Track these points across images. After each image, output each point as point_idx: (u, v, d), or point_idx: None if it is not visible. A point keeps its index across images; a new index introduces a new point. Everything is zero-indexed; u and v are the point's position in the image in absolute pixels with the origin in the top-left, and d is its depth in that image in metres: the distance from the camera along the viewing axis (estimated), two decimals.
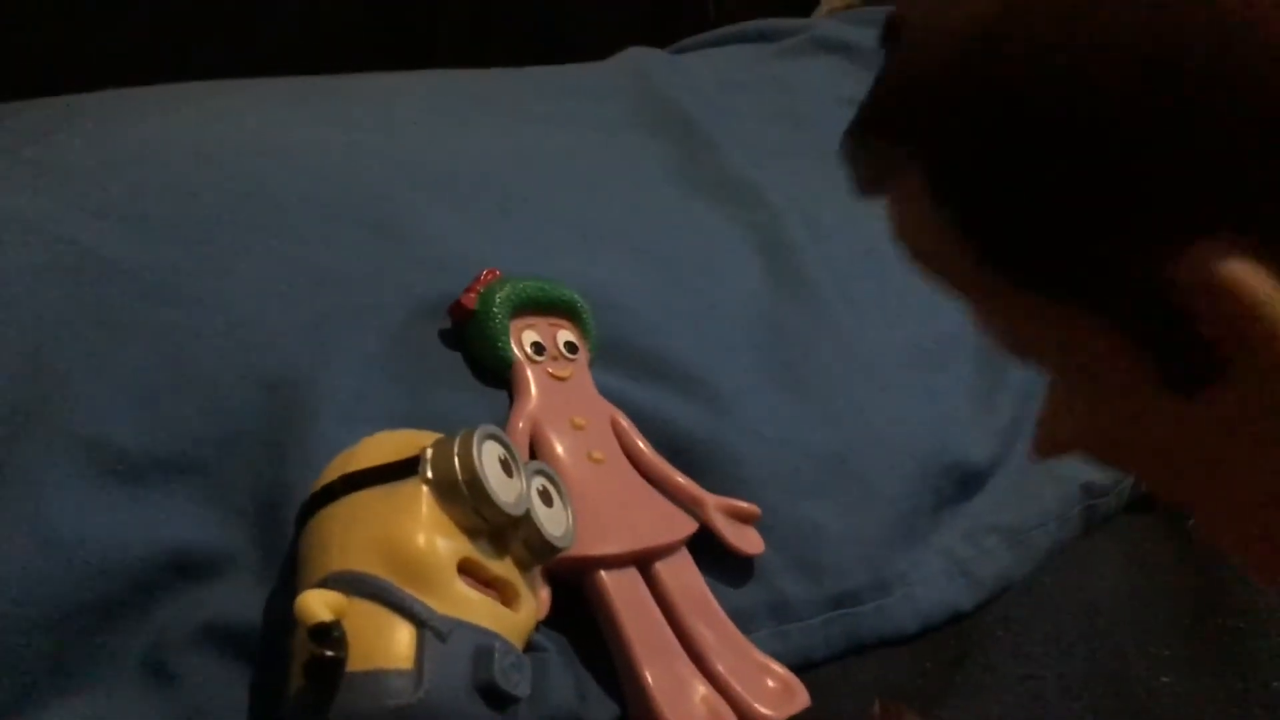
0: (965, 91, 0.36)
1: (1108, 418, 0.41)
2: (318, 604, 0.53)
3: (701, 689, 0.67)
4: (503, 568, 0.60)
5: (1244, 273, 0.34)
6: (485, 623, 0.57)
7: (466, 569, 0.58)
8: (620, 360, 0.81)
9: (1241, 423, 0.37)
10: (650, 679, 0.66)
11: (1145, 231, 0.35)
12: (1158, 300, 0.35)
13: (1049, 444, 0.45)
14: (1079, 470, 0.91)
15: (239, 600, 0.63)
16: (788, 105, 1.18)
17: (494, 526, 0.59)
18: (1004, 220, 0.37)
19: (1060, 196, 0.35)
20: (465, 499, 0.58)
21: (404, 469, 0.59)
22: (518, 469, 0.62)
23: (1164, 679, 0.75)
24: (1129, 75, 0.33)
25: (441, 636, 0.55)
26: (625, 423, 0.77)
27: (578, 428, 0.74)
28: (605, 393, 0.78)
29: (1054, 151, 0.35)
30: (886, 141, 0.40)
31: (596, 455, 0.74)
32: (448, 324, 0.77)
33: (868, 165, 0.42)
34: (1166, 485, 0.42)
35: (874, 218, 1.08)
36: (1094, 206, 0.35)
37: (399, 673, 0.53)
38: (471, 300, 0.76)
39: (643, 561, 0.71)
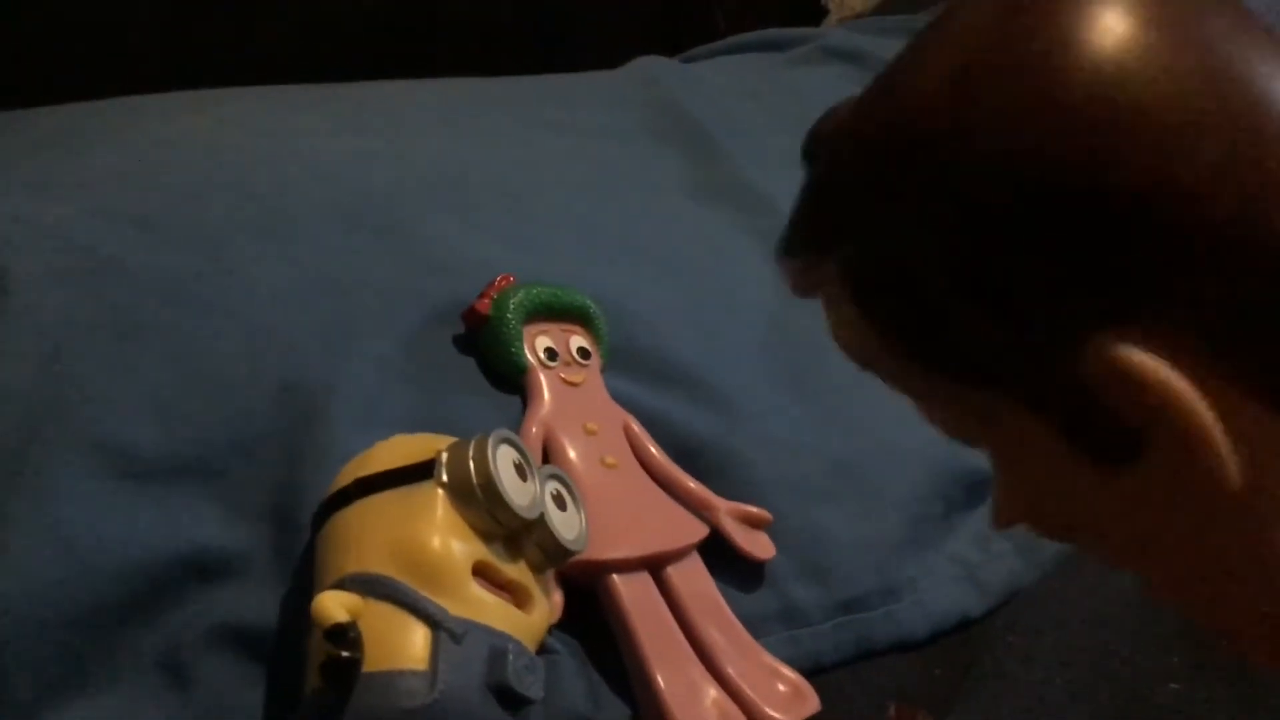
0: (878, 193, 0.39)
1: (1044, 493, 0.42)
2: (334, 605, 0.54)
3: (712, 692, 0.68)
4: (516, 571, 0.60)
5: (1144, 359, 0.35)
6: (499, 625, 0.57)
7: (481, 571, 0.58)
8: (632, 366, 0.82)
9: (1165, 494, 0.38)
10: (662, 682, 0.66)
11: (1057, 318, 0.36)
12: (1069, 382, 0.37)
13: (1000, 516, 0.47)
14: None
15: (254, 602, 0.64)
16: (798, 113, 1.18)
17: (508, 530, 0.60)
18: (919, 317, 0.39)
19: (969, 294, 0.37)
20: (480, 502, 0.58)
21: (419, 472, 0.60)
22: (532, 473, 0.62)
23: (1172, 686, 0.75)
24: (1029, 180, 0.35)
25: (456, 638, 0.55)
26: (637, 428, 0.77)
27: (590, 433, 0.75)
28: (617, 398, 0.79)
29: (961, 249, 0.37)
30: (812, 249, 0.42)
31: (609, 460, 0.74)
32: (461, 329, 0.78)
33: (797, 273, 0.44)
34: (1110, 557, 0.43)
35: None
36: (1005, 295, 0.37)
37: (414, 674, 0.54)
38: (485, 306, 0.76)
39: (654, 566, 0.71)
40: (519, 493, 0.60)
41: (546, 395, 0.75)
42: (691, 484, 0.77)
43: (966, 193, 0.36)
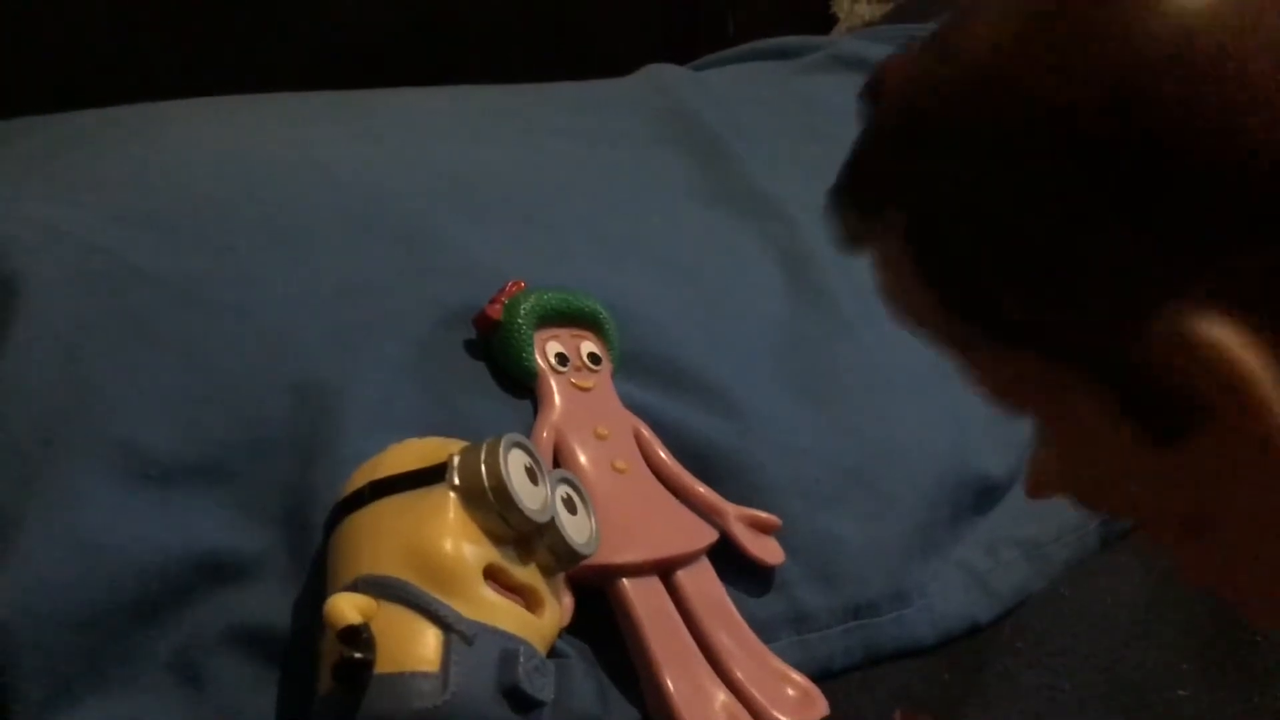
0: (952, 143, 0.37)
1: (1089, 465, 0.42)
2: (347, 607, 0.54)
3: (721, 696, 0.68)
4: (527, 574, 0.61)
5: (1214, 330, 0.34)
6: (510, 627, 0.58)
7: (492, 575, 0.59)
8: (642, 371, 0.82)
9: (1223, 469, 0.37)
10: (671, 685, 0.66)
11: (1121, 290, 0.36)
12: (1135, 355, 0.36)
13: (1037, 486, 0.46)
14: None
15: (267, 604, 0.64)
16: (808, 121, 1.19)
17: (519, 533, 0.60)
18: (982, 276, 0.38)
19: (1038, 255, 0.36)
20: (491, 506, 0.59)
21: (431, 476, 0.60)
22: (543, 477, 0.62)
23: (1180, 691, 0.75)
24: (1114, 133, 0.34)
25: (467, 640, 0.56)
26: (647, 433, 0.78)
27: (601, 438, 0.75)
28: (628, 403, 0.79)
29: (1035, 208, 0.36)
30: (870, 198, 0.41)
31: (619, 465, 0.74)
32: (473, 334, 0.78)
33: (849, 224, 0.43)
34: (1150, 530, 0.43)
35: None
36: (1079, 260, 0.36)
37: (425, 675, 0.54)
38: (497, 311, 0.77)
39: (664, 570, 0.72)
40: (530, 496, 0.60)
41: (557, 400, 0.76)
42: (701, 489, 0.77)
43: (1044, 146, 0.35)
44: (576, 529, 0.63)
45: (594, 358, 0.79)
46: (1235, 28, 0.33)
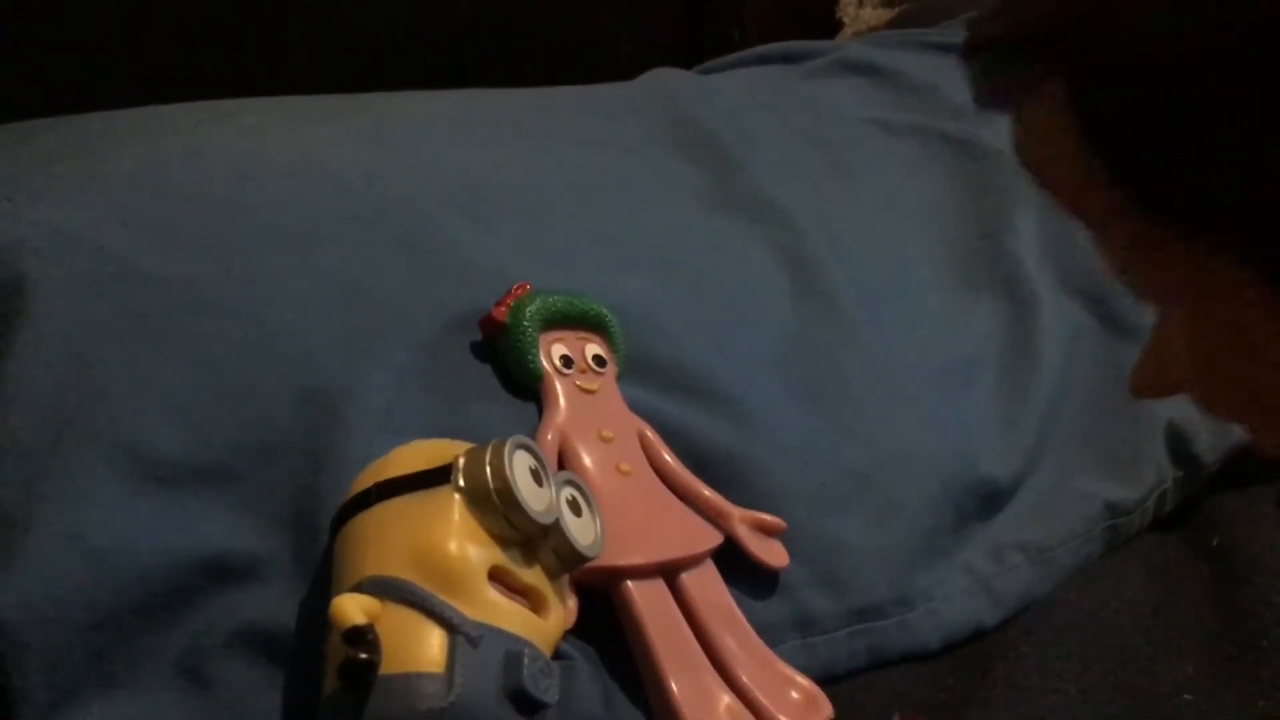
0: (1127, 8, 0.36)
1: (1228, 364, 0.40)
2: (352, 608, 0.54)
3: (726, 699, 0.68)
4: (532, 576, 0.61)
5: None
6: (515, 629, 0.58)
7: (497, 576, 0.59)
8: (647, 374, 0.82)
9: None
10: (675, 688, 0.67)
11: None
12: None
13: (1150, 383, 0.44)
14: (1103, 489, 0.92)
15: (274, 605, 0.65)
16: (813, 126, 1.19)
17: (524, 535, 0.60)
18: (1158, 146, 0.36)
19: (1221, 125, 0.35)
20: (496, 507, 0.59)
21: (437, 477, 0.60)
22: (548, 479, 0.63)
23: (1186, 696, 0.75)
24: None
25: (472, 642, 0.56)
26: (652, 436, 0.78)
27: (606, 440, 0.75)
28: (633, 406, 0.79)
29: (1225, 69, 0.34)
30: (1024, 45, 0.39)
31: (624, 468, 0.75)
32: (479, 337, 0.79)
33: (996, 81, 0.41)
34: (1274, 434, 0.41)
35: (898, 236, 1.09)
36: (1255, 139, 0.34)
37: (431, 677, 0.54)
38: (502, 314, 0.77)
39: (669, 573, 0.72)
40: (535, 498, 0.60)
41: (562, 402, 0.76)
42: (706, 491, 0.77)
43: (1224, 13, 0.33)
44: (581, 531, 0.64)
45: (599, 360, 0.80)
46: None
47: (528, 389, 0.77)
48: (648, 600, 0.69)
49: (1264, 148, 0.34)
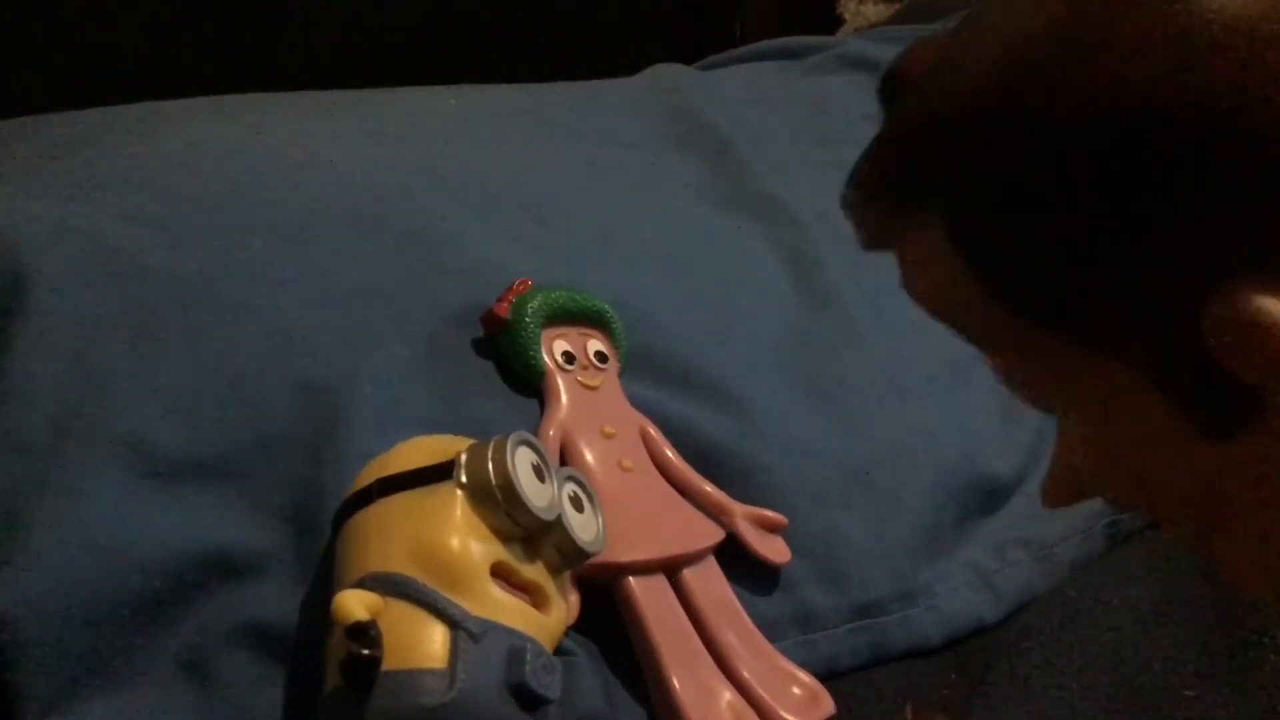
0: (998, 134, 0.36)
1: (1131, 461, 0.41)
2: (355, 604, 0.54)
3: (727, 694, 0.68)
4: (534, 572, 0.61)
5: (1273, 308, 0.34)
6: (517, 625, 0.58)
7: (499, 572, 0.59)
8: (649, 370, 0.82)
9: (1272, 465, 0.36)
10: (677, 684, 0.67)
11: (1176, 271, 0.35)
12: (1190, 342, 0.35)
13: (1063, 489, 0.45)
14: None
15: (275, 601, 0.65)
16: (814, 122, 1.19)
17: (526, 531, 0.60)
18: (1028, 262, 0.37)
19: (1091, 237, 0.35)
20: (498, 503, 0.59)
21: (439, 473, 0.60)
22: (550, 475, 0.63)
23: (1187, 692, 0.75)
24: (1164, 116, 0.34)
25: (474, 637, 0.56)
26: (654, 432, 0.78)
27: (608, 436, 0.75)
28: (635, 402, 0.79)
29: (1087, 191, 0.35)
30: (896, 196, 0.40)
31: (626, 464, 0.75)
32: (480, 333, 0.78)
33: (872, 223, 0.42)
34: (1192, 529, 0.42)
35: None
36: (1125, 246, 0.35)
37: (433, 672, 0.54)
38: (504, 310, 0.77)
39: (671, 569, 0.72)
40: (537, 494, 0.60)
41: (564, 398, 0.76)
42: (708, 488, 0.77)
43: (1094, 124, 0.34)
44: (583, 527, 0.64)
45: (601, 356, 0.80)
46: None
47: (529, 385, 0.77)
48: (649, 596, 0.69)
49: (1128, 257, 0.35)
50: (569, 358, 0.78)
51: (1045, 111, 0.35)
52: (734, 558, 0.75)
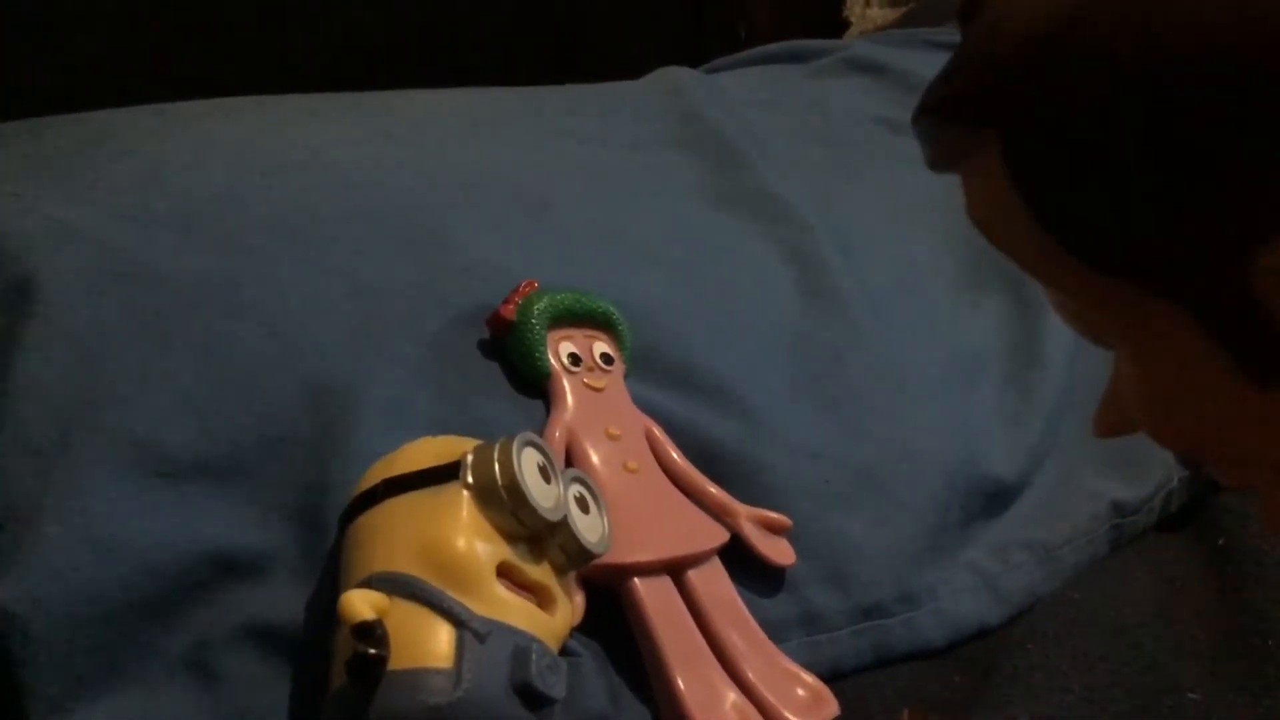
0: (1057, 65, 0.36)
1: (1176, 401, 0.41)
2: (361, 603, 0.55)
3: (732, 695, 0.68)
4: (540, 572, 0.61)
5: None
6: (522, 625, 0.58)
7: (505, 572, 0.59)
8: (654, 372, 0.83)
9: None
10: (682, 685, 0.67)
11: (1232, 219, 0.35)
12: (1238, 289, 0.35)
13: (1111, 423, 0.45)
14: (1109, 488, 0.92)
15: (281, 600, 0.65)
16: (820, 125, 1.19)
17: (532, 531, 0.60)
18: (1084, 201, 0.37)
19: (1146, 179, 0.35)
20: (504, 504, 0.59)
21: (445, 474, 0.60)
22: (556, 476, 0.63)
23: (1191, 695, 0.75)
24: (1229, 59, 0.33)
25: (480, 637, 0.56)
26: (659, 433, 0.78)
27: (613, 438, 0.75)
28: (640, 404, 0.79)
29: (1145, 132, 0.35)
30: (964, 119, 0.40)
31: (631, 465, 0.75)
32: (485, 334, 0.79)
33: (941, 143, 0.42)
34: (1230, 472, 0.42)
35: (904, 234, 1.09)
36: (1181, 190, 0.35)
37: (439, 672, 0.55)
38: (510, 311, 0.77)
39: (675, 570, 0.72)
40: (543, 495, 0.60)
41: (570, 400, 0.76)
42: (713, 489, 0.77)
43: (1168, 70, 0.34)
44: (589, 528, 0.64)
45: (606, 358, 0.80)
46: None
47: (535, 387, 0.78)
48: (654, 597, 0.70)
49: (1182, 200, 0.35)
50: (575, 359, 0.78)
51: (1112, 41, 0.35)
52: (738, 559, 0.75)
